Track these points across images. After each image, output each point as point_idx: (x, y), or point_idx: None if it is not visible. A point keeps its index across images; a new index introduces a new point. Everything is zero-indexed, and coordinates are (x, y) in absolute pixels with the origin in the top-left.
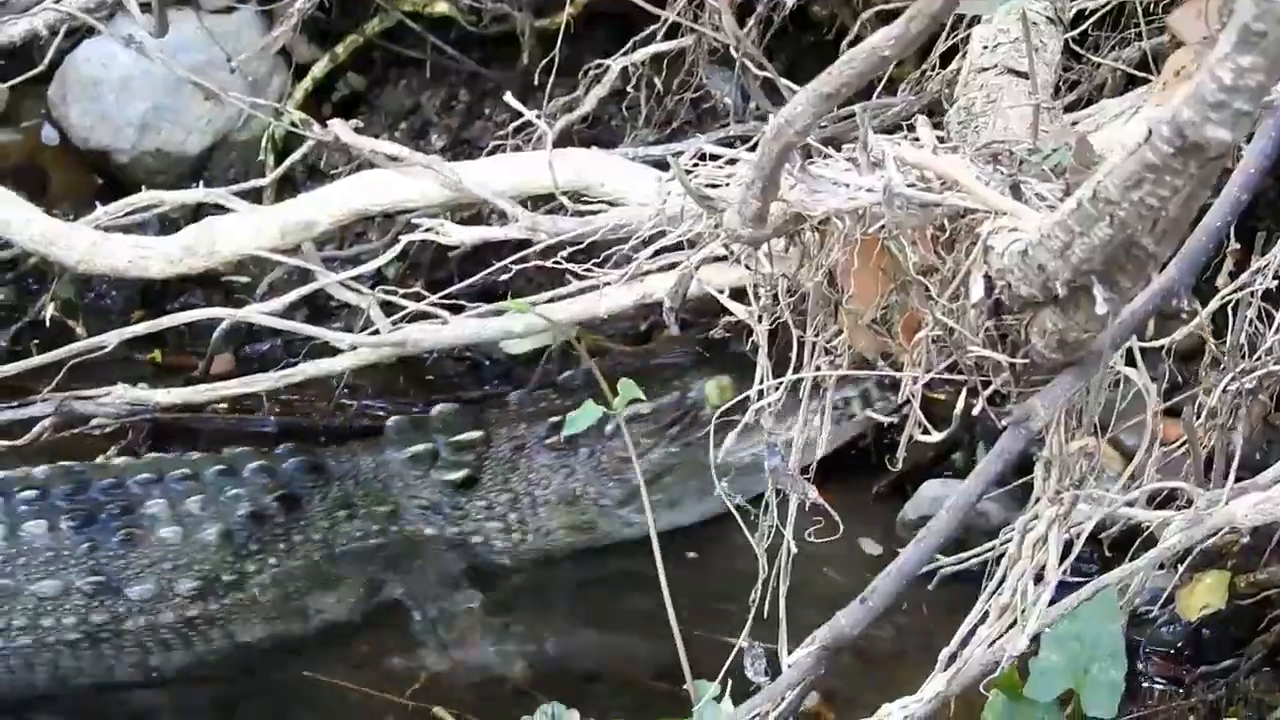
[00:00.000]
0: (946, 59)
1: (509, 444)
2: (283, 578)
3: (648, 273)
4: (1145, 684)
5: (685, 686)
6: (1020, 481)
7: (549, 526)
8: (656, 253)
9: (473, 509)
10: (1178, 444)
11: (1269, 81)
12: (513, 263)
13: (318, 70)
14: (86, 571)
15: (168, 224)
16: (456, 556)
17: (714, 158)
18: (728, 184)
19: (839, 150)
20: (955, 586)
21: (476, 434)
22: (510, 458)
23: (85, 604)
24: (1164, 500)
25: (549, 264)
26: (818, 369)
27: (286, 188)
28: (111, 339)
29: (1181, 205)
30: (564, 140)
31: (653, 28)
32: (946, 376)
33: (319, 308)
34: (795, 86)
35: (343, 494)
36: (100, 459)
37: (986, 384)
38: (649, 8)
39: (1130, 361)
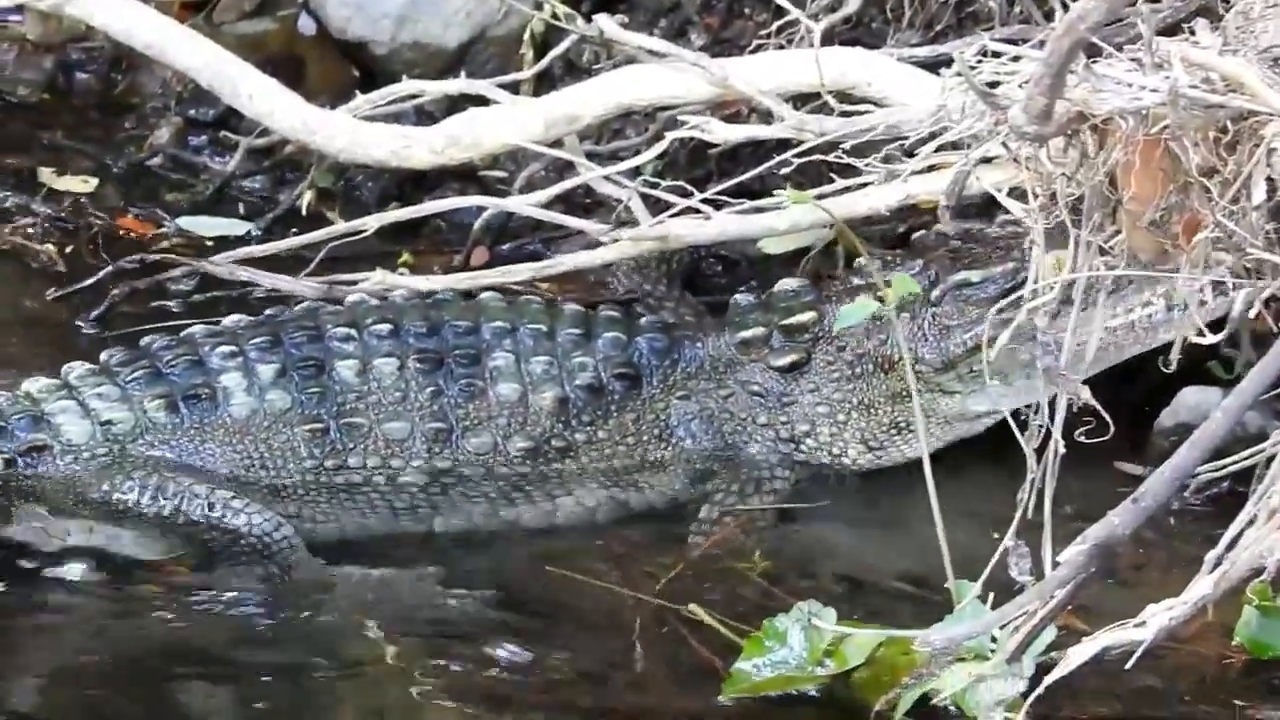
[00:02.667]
0: None
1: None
2: (611, 453)
3: (913, 173)
4: None
5: (947, 585)
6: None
7: (870, 398)
8: (935, 150)
9: (801, 397)
10: None
11: None
12: (792, 157)
13: None
14: (430, 417)
15: (424, 117)
16: (778, 448)
17: (996, 55)
18: (1006, 84)
19: (1120, 52)
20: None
21: (809, 315)
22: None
23: (428, 449)
24: None
25: (819, 160)
26: (1094, 269)
27: (544, 84)
28: (372, 223)
29: None
30: (825, 42)
31: None
32: (1224, 279)
33: (574, 205)
34: None
35: (684, 377)
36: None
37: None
38: None
39: None
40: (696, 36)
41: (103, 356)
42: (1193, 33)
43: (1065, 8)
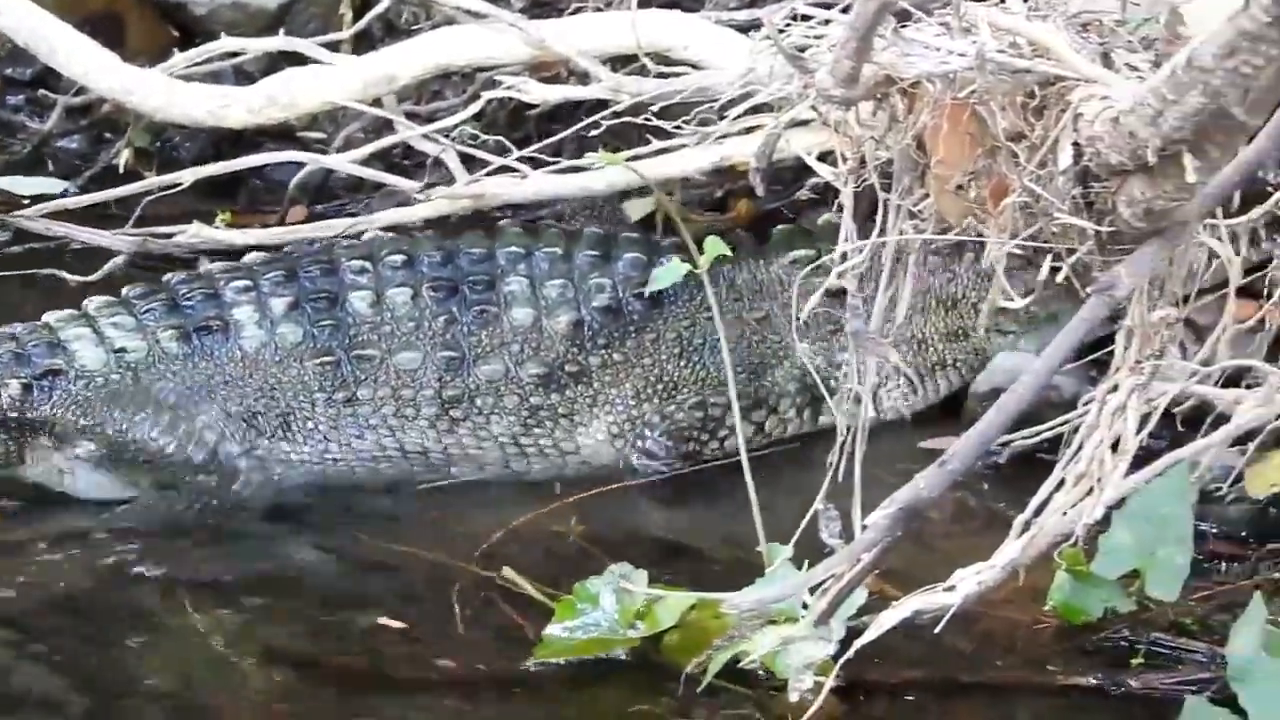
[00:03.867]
0: None
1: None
2: (625, 376)
3: (727, 136)
4: (1210, 563)
5: (758, 549)
6: (1093, 357)
7: (925, 334)
8: (742, 115)
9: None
10: (1251, 321)
11: None
12: (602, 119)
13: None
14: (442, 345)
15: (243, 77)
16: (804, 377)
17: (806, 19)
18: (816, 48)
19: (928, 16)
20: (1011, 471)
21: None
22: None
23: (439, 379)
24: (1234, 379)
25: (630, 121)
26: (902, 233)
27: (364, 44)
28: (187, 177)
29: (1275, 75)
30: (645, 5)
31: None
32: (1031, 243)
33: (393, 165)
34: None
35: (714, 296)
36: None
37: (1071, 252)
38: None
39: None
40: None
41: (123, 291)
42: None
43: None
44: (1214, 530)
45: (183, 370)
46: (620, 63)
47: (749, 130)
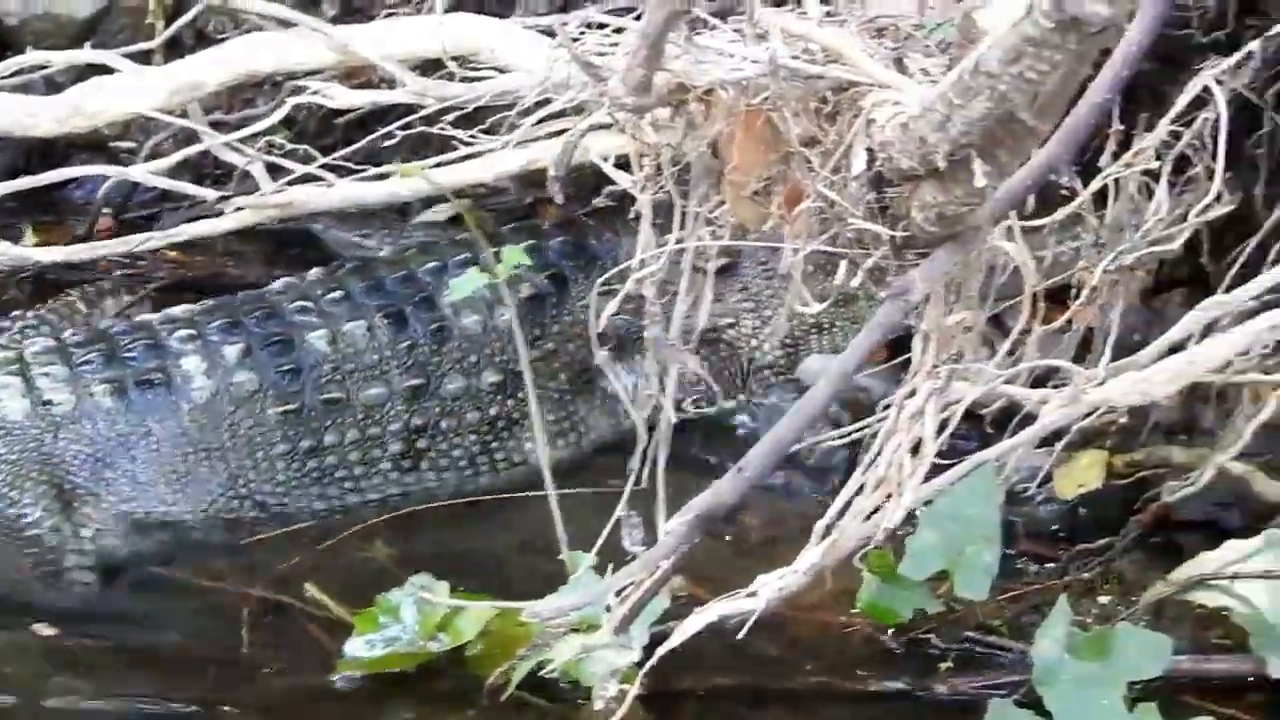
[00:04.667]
0: None
1: None
2: (559, 367)
3: (535, 140)
4: (1020, 564)
5: (561, 557)
6: (903, 359)
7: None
8: (542, 120)
9: (729, 294)
10: (1059, 323)
11: None
12: (398, 128)
13: None
14: (408, 374)
15: (53, 88)
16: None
17: (603, 27)
18: (615, 54)
19: (723, 23)
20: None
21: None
22: None
23: (406, 408)
24: (1043, 379)
25: (436, 131)
26: (700, 239)
27: (176, 54)
28: None
29: (1061, 81)
30: (457, 9)
31: None
32: (827, 248)
33: (204, 176)
34: None
35: (601, 272)
36: None
37: (867, 257)
38: None
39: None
40: (329, 6)
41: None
42: (799, 2)
43: None
44: (1024, 531)
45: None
46: (433, 68)
47: (556, 134)
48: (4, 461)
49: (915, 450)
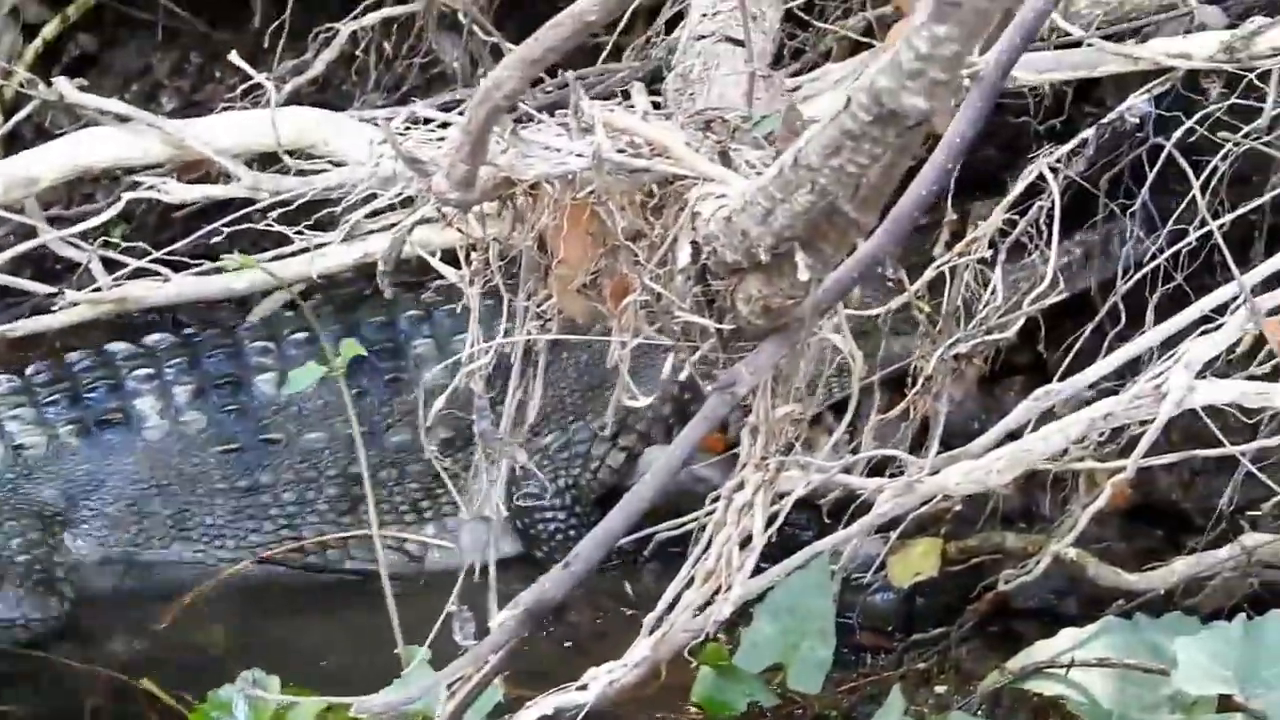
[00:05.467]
0: (673, 25)
1: None
2: None
3: (370, 233)
4: (855, 655)
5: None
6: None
7: None
8: (373, 214)
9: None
10: (896, 411)
11: (965, 50)
12: (228, 223)
13: (48, 30)
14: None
15: None
16: None
17: (431, 121)
18: (441, 148)
19: (549, 117)
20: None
21: None
22: None
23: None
24: (882, 468)
25: (265, 226)
26: (529, 333)
27: (15, 148)
28: None
29: (882, 173)
30: (294, 104)
31: None
32: (654, 340)
33: (46, 271)
34: None
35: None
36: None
37: (694, 350)
38: None
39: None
40: (168, 100)
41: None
42: (627, 96)
43: None
44: (860, 620)
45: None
46: (271, 161)
47: (391, 227)
48: None
49: (745, 543)
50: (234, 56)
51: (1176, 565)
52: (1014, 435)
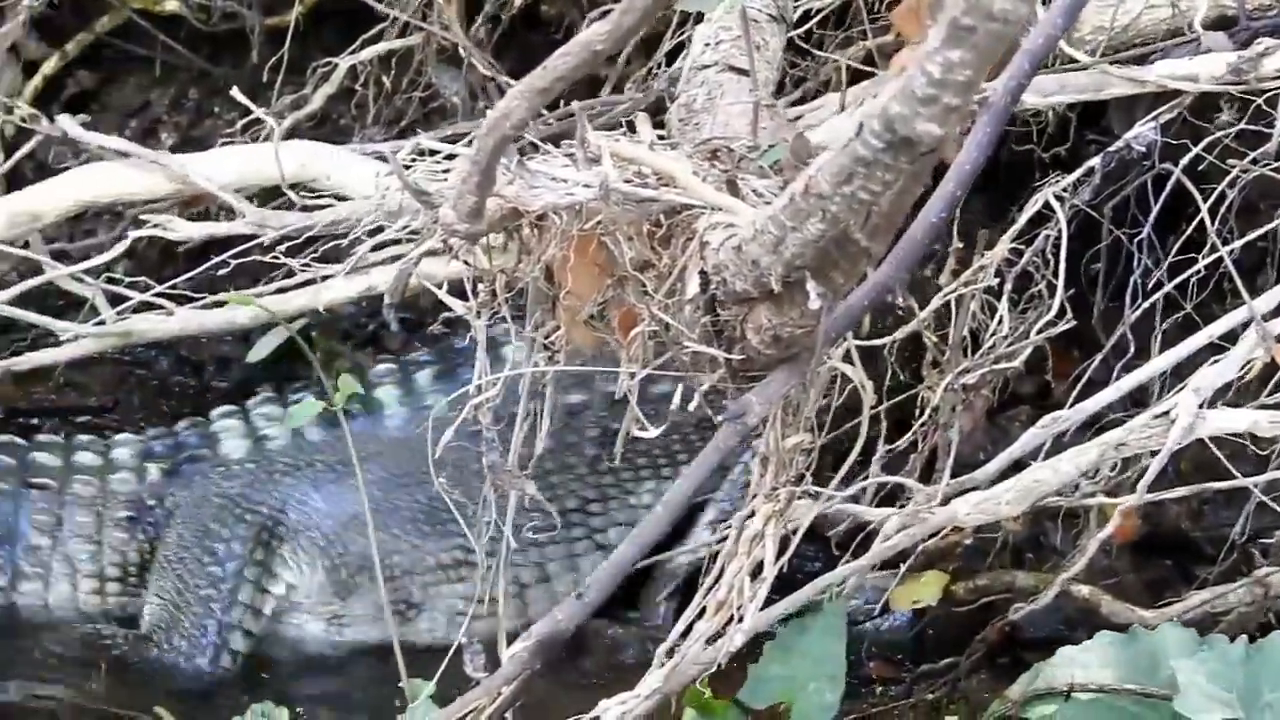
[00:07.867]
0: (674, 57)
1: None
2: None
3: (372, 266)
4: (864, 687)
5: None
6: None
7: None
8: (378, 246)
9: None
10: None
11: (977, 77)
12: (231, 257)
13: (48, 67)
14: None
15: None
16: None
17: (435, 153)
18: (447, 180)
19: (556, 148)
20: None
21: None
22: None
23: None
24: (890, 498)
25: (270, 259)
26: (536, 365)
27: (18, 185)
28: None
29: (894, 200)
30: (292, 139)
31: (381, 26)
32: (663, 372)
33: (47, 308)
34: None
35: None
36: None
37: (703, 380)
38: (378, 6)
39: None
40: (167, 136)
41: None
42: (633, 127)
43: None
44: (869, 652)
45: None
46: (273, 195)
47: (396, 259)
48: None
49: (756, 574)
50: (235, 92)
51: (1191, 600)
52: (1020, 465)
